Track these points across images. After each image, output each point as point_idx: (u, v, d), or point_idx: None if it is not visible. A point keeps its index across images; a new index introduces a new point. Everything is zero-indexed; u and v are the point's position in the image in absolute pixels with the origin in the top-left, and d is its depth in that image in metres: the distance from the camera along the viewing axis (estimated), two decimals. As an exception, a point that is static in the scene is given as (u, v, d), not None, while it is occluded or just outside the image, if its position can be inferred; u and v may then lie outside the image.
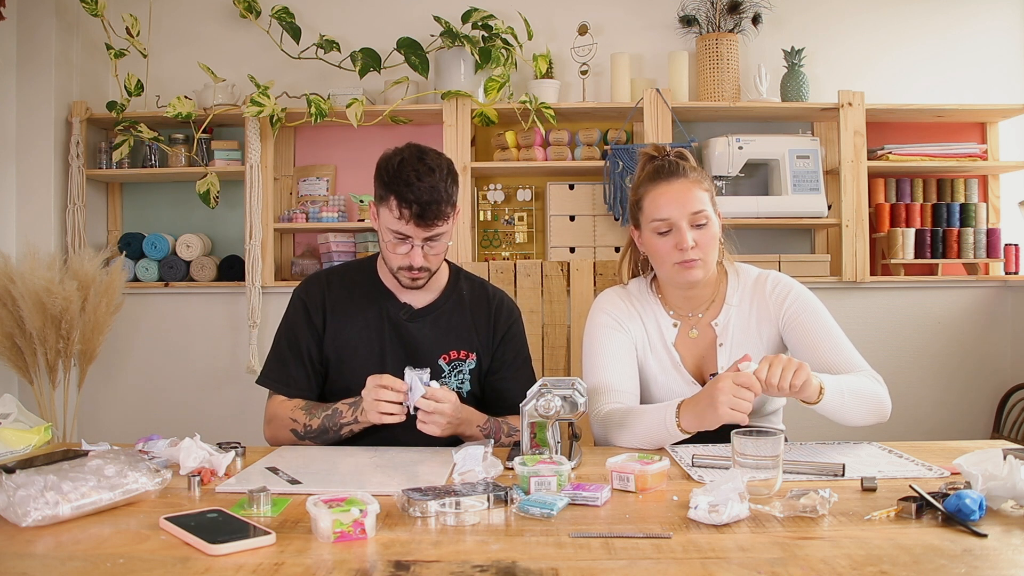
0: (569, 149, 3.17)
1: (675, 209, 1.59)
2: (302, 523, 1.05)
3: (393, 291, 1.72)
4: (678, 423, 1.44)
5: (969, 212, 3.19)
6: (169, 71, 3.27)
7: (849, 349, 1.60)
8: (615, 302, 1.72)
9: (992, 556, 0.93)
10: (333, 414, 1.58)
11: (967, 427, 3.23)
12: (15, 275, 2.72)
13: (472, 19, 3.05)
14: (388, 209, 1.56)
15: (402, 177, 1.53)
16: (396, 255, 1.60)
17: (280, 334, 1.73)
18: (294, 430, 1.60)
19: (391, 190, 1.55)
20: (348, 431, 1.57)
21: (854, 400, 1.48)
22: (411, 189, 1.52)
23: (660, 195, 1.61)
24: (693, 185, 1.61)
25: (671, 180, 1.61)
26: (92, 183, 3.22)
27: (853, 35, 3.31)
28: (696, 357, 1.68)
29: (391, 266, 1.64)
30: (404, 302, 1.71)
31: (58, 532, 1.02)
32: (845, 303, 3.17)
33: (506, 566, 0.90)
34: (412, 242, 1.58)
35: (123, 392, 3.26)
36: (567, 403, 1.34)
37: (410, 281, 1.63)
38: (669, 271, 1.63)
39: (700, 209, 1.59)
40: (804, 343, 1.61)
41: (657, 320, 1.70)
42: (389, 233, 1.59)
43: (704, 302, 1.69)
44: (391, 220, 1.57)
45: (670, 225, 1.59)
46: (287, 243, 3.35)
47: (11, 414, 1.57)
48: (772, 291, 1.67)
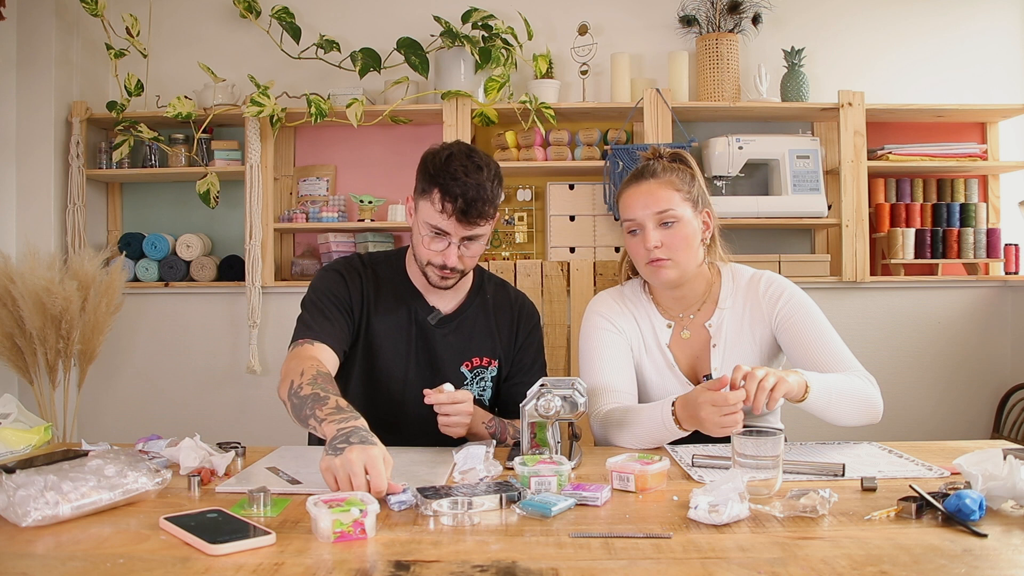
0: (569, 149, 3.16)
1: (640, 209, 1.61)
2: (302, 523, 1.05)
3: (422, 292, 1.67)
4: (675, 420, 1.45)
5: (969, 212, 3.19)
6: (169, 71, 3.27)
7: (842, 350, 1.59)
8: (609, 304, 1.72)
9: (992, 556, 0.93)
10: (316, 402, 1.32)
11: (967, 427, 3.23)
12: (15, 275, 2.72)
13: (472, 19, 3.05)
14: (430, 202, 1.52)
15: (448, 171, 1.50)
16: (430, 251, 1.56)
17: (313, 296, 1.61)
18: (291, 382, 1.39)
19: (435, 183, 1.51)
20: (312, 426, 1.33)
21: (842, 400, 1.47)
22: (457, 184, 1.49)
23: (629, 196, 1.64)
24: (662, 185, 1.62)
25: (640, 181, 1.64)
26: (92, 183, 3.22)
27: (853, 35, 3.31)
28: (690, 358, 1.68)
29: (421, 260, 1.59)
30: (432, 305, 1.67)
31: (58, 532, 1.02)
32: (845, 303, 3.17)
33: (506, 566, 0.90)
34: (449, 239, 1.54)
35: (123, 392, 3.26)
36: (567, 403, 1.34)
37: (439, 279, 1.59)
38: (643, 270, 1.65)
39: (665, 208, 1.60)
40: (797, 344, 1.61)
41: (651, 321, 1.70)
42: (427, 228, 1.54)
43: (696, 303, 1.69)
44: (431, 214, 1.53)
45: (637, 225, 1.62)
46: (287, 243, 3.35)
47: (11, 414, 1.57)
48: (765, 292, 1.67)
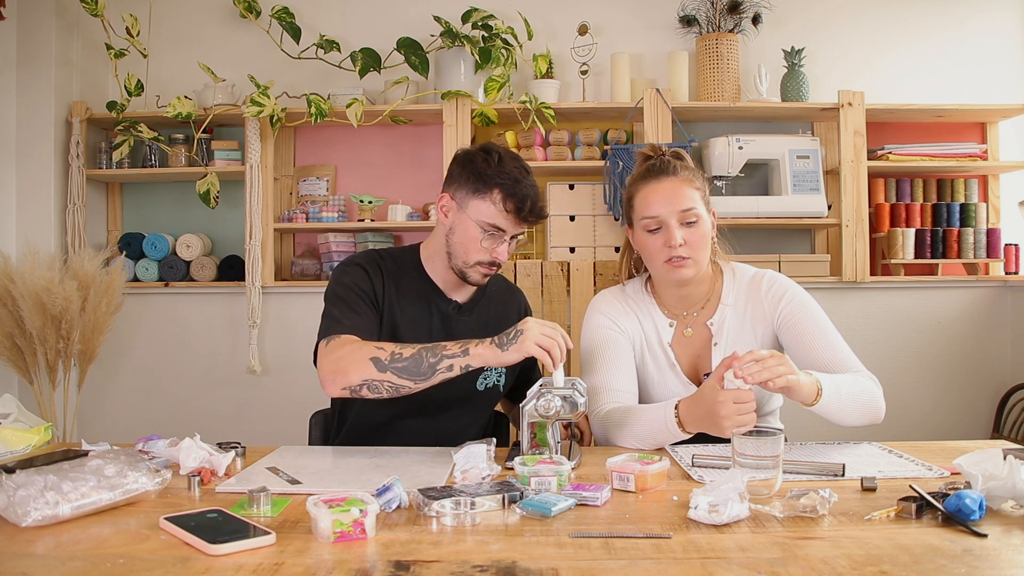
0: (569, 149, 3.16)
1: (664, 207, 1.59)
2: (302, 523, 1.05)
3: (442, 288, 1.69)
4: (679, 423, 1.44)
5: (969, 212, 3.19)
6: (169, 71, 3.27)
7: (844, 349, 1.59)
8: (611, 303, 1.72)
9: (992, 556, 0.93)
10: (433, 346, 1.43)
11: (967, 427, 3.23)
12: (15, 275, 2.72)
13: (472, 19, 3.05)
14: (489, 202, 1.56)
15: (506, 171, 1.56)
16: (481, 248, 1.59)
17: (338, 291, 1.60)
18: (376, 359, 1.42)
19: (495, 183, 1.55)
20: (447, 366, 1.42)
21: (850, 401, 1.48)
22: (520, 186, 1.55)
23: (650, 193, 1.62)
24: (683, 184, 1.61)
25: (661, 178, 1.62)
26: (92, 183, 3.22)
27: (853, 35, 3.31)
28: (691, 356, 1.68)
29: (467, 259, 1.61)
30: (450, 298, 1.69)
31: (58, 532, 1.02)
32: (845, 303, 3.17)
33: (506, 566, 0.90)
34: (504, 237, 1.59)
35: (123, 392, 3.26)
36: (567, 403, 1.34)
37: (481, 277, 1.63)
38: (659, 269, 1.63)
39: (689, 207, 1.59)
40: (799, 343, 1.61)
41: (653, 320, 1.70)
42: (481, 227, 1.57)
43: (699, 301, 1.69)
44: (490, 213, 1.56)
45: (659, 223, 1.60)
46: (287, 243, 3.35)
47: (11, 414, 1.57)
48: (768, 291, 1.67)
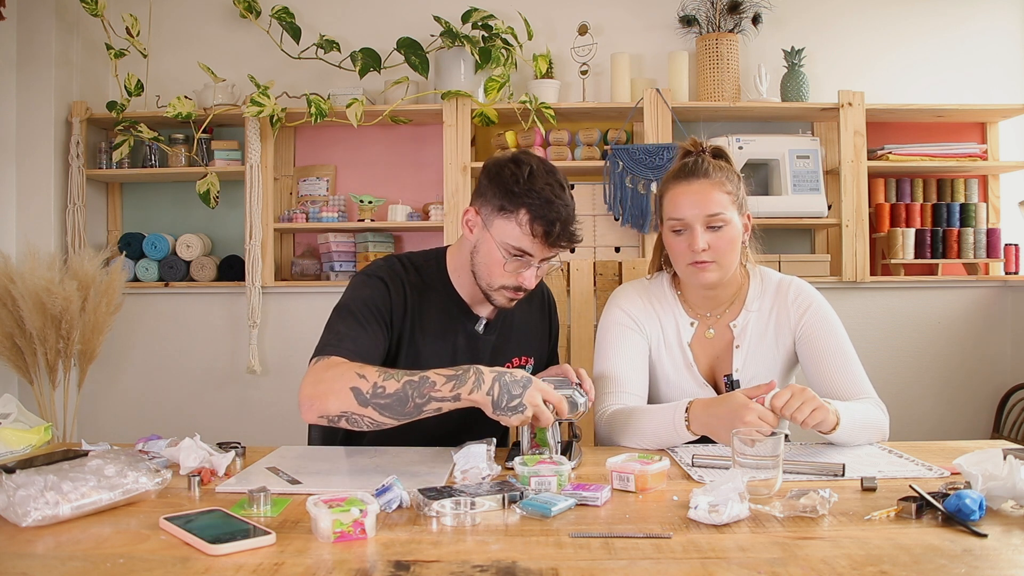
0: (569, 149, 3.16)
1: (690, 209, 1.56)
2: (302, 523, 1.05)
3: (468, 302, 1.58)
4: (687, 425, 1.44)
5: (969, 212, 3.19)
6: (169, 71, 3.27)
7: (860, 375, 1.58)
8: (633, 299, 1.70)
9: (992, 556, 0.93)
10: (421, 382, 1.27)
11: (967, 427, 3.23)
12: (15, 275, 2.72)
13: (472, 19, 3.05)
14: (514, 223, 1.42)
15: (536, 190, 1.39)
16: (505, 272, 1.45)
17: (351, 304, 1.47)
18: (356, 388, 1.27)
19: (522, 202, 1.40)
20: (435, 408, 1.28)
21: (863, 432, 1.48)
22: (551, 207, 1.39)
23: (679, 194, 1.58)
24: (713, 187, 1.57)
25: (691, 180, 1.58)
26: (92, 183, 3.23)
27: (853, 35, 3.32)
28: (710, 358, 1.67)
29: (491, 283, 1.48)
30: (476, 314, 1.59)
31: (58, 532, 1.02)
32: (845, 303, 3.17)
33: (506, 566, 0.90)
34: (531, 262, 1.45)
35: (123, 392, 3.26)
36: (567, 403, 1.34)
37: (507, 301, 1.49)
38: (683, 271, 1.62)
39: (716, 212, 1.55)
40: (815, 360, 1.60)
41: (675, 318, 1.68)
42: (506, 249, 1.44)
43: (724, 303, 1.68)
44: (515, 235, 1.42)
45: (685, 225, 1.57)
46: (287, 243, 3.35)
47: (11, 414, 1.57)
48: (794, 300, 1.65)
